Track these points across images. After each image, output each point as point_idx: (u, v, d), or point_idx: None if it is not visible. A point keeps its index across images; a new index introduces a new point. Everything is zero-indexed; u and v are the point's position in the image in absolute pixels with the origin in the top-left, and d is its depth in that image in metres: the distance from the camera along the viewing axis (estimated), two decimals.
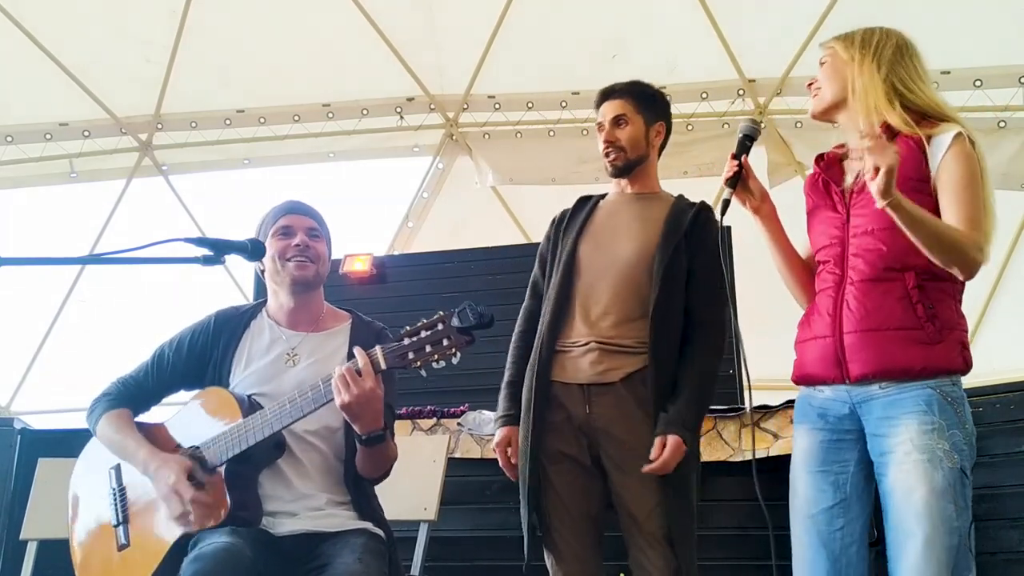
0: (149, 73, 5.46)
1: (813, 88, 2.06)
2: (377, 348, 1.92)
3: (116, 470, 2.16)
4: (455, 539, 3.08)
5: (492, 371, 3.22)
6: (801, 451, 1.99)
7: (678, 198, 2.34)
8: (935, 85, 2.01)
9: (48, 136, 5.57)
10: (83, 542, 2.17)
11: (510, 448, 2.24)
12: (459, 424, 3.33)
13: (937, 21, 4.64)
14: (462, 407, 3.38)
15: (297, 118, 5.68)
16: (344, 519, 2.07)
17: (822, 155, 2.10)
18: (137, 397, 2.20)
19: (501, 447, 2.25)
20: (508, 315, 2.47)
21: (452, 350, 1.87)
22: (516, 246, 4.57)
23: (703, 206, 2.30)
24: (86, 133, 5.63)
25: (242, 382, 2.14)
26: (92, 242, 5.82)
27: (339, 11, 5.21)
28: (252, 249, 1.79)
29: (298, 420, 1.98)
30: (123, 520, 2.09)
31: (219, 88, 5.60)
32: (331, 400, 1.93)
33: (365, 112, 5.66)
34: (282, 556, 1.94)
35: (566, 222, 2.37)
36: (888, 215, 1.79)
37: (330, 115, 5.66)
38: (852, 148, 2.03)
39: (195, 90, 5.57)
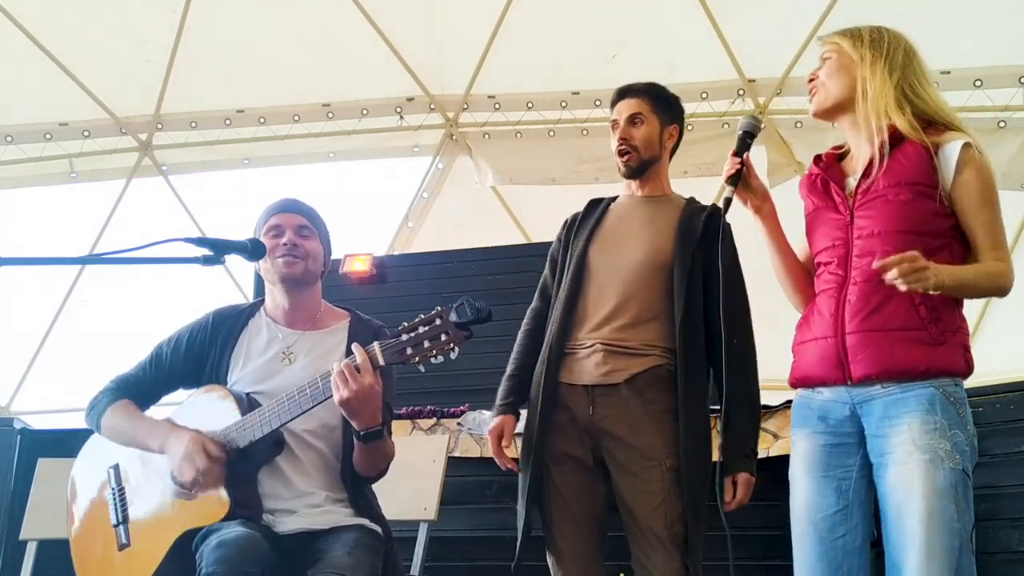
0: (149, 73, 5.46)
1: (812, 85, 2.03)
2: (375, 344, 1.93)
3: (115, 470, 2.17)
4: (455, 539, 3.08)
5: (492, 371, 3.22)
6: (801, 455, 1.97)
7: (689, 200, 2.34)
8: (935, 85, 2.00)
9: (48, 136, 5.56)
10: (83, 543, 2.17)
11: (503, 439, 2.25)
12: (459, 424, 3.33)
13: (937, 21, 4.64)
14: (462, 407, 3.38)
15: (297, 118, 5.67)
16: (341, 516, 2.07)
17: (820, 156, 2.08)
18: (136, 394, 2.20)
19: (494, 434, 2.27)
20: (508, 315, 2.47)
21: (450, 345, 1.87)
22: (516, 246, 4.57)
23: (715, 209, 2.26)
24: (86, 133, 5.63)
25: (240, 380, 2.15)
26: (92, 242, 5.82)
27: (339, 11, 5.21)
28: (252, 249, 1.79)
29: (297, 417, 1.98)
30: (123, 520, 2.10)
31: (219, 88, 5.59)
32: (330, 397, 1.93)
33: (365, 112, 5.65)
34: (283, 554, 1.95)
35: (577, 225, 2.37)
36: (897, 218, 1.84)
37: (330, 115, 5.66)
38: (854, 148, 2.01)
39: (195, 90, 5.57)
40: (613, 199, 2.41)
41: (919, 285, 1.72)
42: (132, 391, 2.20)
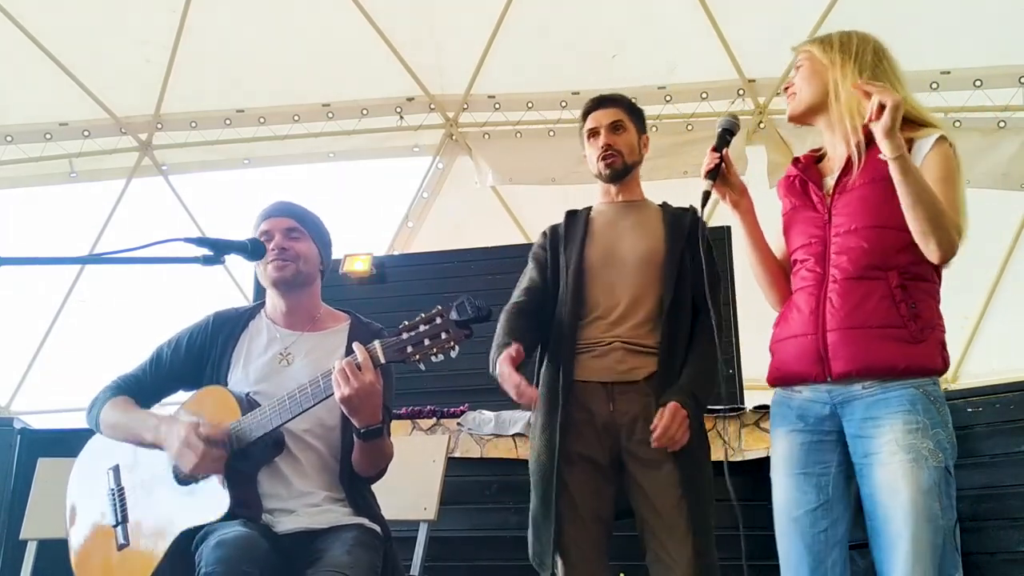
0: (149, 73, 5.46)
1: (789, 92, 2.08)
2: (376, 342, 1.94)
3: (115, 470, 2.16)
4: (455, 539, 3.08)
5: None
6: (781, 454, 2.00)
7: (664, 204, 2.41)
8: (935, 85, 2.03)
9: (48, 136, 5.57)
10: (81, 543, 2.17)
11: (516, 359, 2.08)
12: (459, 424, 3.33)
13: (937, 21, 4.64)
14: (462, 407, 3.38)
15: (297, 118, 5.68)
16: (340, 515, 2.07)
17: (798, 158, 2.13)
18: (137, 393, 2.20)
19: (506, 360, 2.05)
20: None
21: (451, 343, 1.88)
22: (516, 246, 4.57)
23: (695, 210, 2.32)
24: (86, 133, 5.64)
25: (239, 381, 2.15)
26: (92, 242, 5.83)
27: (339, 11, 5.21)
28: (252, 249, 1.79)
29: (298, 415, 1.99)
30: (122, 520, 2.09)
31: (219, 88, 5.60)
32: (330, 395, 1.94)
33: (365, 112, 5.66)
34: (283, 554, 1.95)
35: (564, 233, 2.38)
36: (875, 213, 1.85)
37: (330, 115, 5.66)
38: (829, 150, 2.05)
39: (195, 90, 5.58)
40: (588, 208, 2.44)
41: (889, 97, 1.74)
42: (132, 390, 2.20)
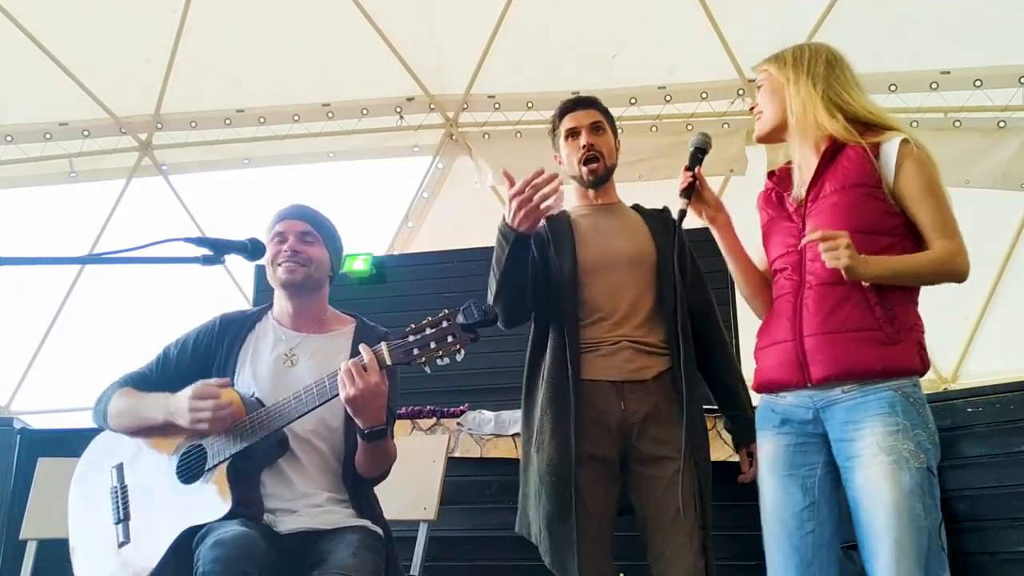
0: (149, 73, 5.46)
1: (755, 111, 2.12)
2: (382, 344, 1.95)
3: (118, 469, 2.17)
4: (455, 539, 3.08)
5: (492, 371, 3.23)
6: (767, 456, 2.02)
7: (637, 206, 2.44)
8: (935, 85, 2.05)
9: (48, 136, 5.56)
10: (82, 541, 2.17)
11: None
12: (459, 424, 3.33)
13: (937, 21, 4.64)
14: (462, 407, 3.38)
15: (297, 118, 5.67)
16: (343, 516, 2.08)
17: (773, 171, 2.16)
18: (142, 389, 2.21)
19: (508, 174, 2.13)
20: None
21: (456, 347, 1.89)
22: None
23: (669, 211, 2.37)
24: (86, 133, 5.63)
25: (245, 382, 2.16)
26: (92, 242, 5.82)
27: (339, 11, 5.21)
28: (252, 249, 1.79)
29: (304, 415, 2.00)
30: (124, 518, 2.10)
31: (219, 88, 5.59)
32: (336, 396, 1.95)
33: (365, 112, 5.65)
34: (284, 553, 1.95)
35: (549, 235, 2.37)
36: (845, 219, 1.88)
37: (330, 115, 5.66)
38: (800, 162, 2.07)
39: (195, 90, 5.57)
40: (564, 212, 2.42)
41: (837, 263, 1.80)
42: (138, 386, 2.21)
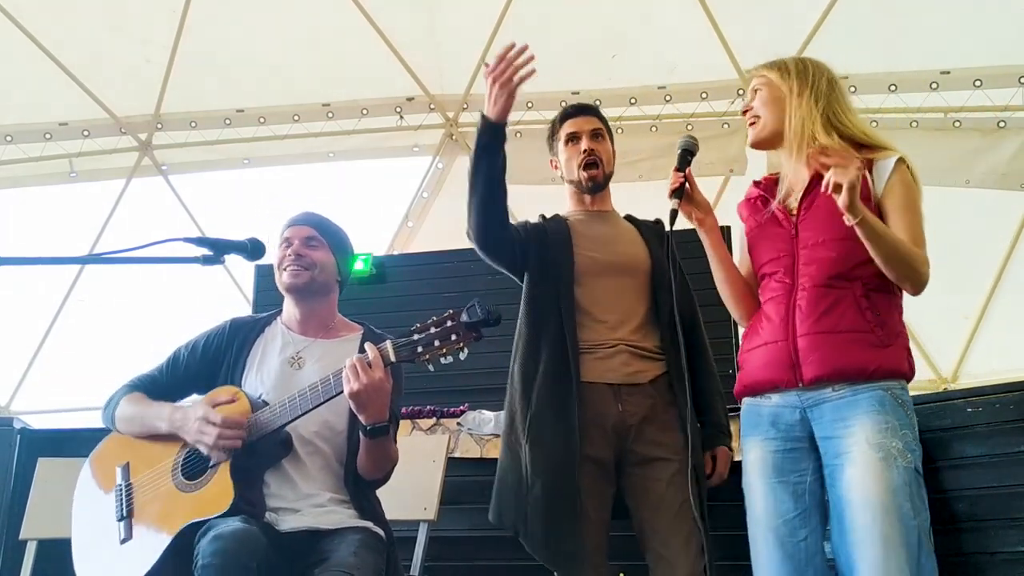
0: (149, 73, 5.46)
1: (750, 116, 2.11)
2: (387, 342, 1.98)
3: (124, 468, 2.18)
4: (455, 539, 3.08)
5: (492, 371, 3.22)
6: (756, 462, 2.02)
7: (630, 216, 2.48)
8: (935, 85, 2.07)
9: (48, 136, 5.56)
10: (84, 538, 2.18)
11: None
12: (459, 424, 3.33)
13: (937, 21, 4.64)
14: (462, 407, 3.38)
15: (297, 118, 5.67)
16: (345, 516, 2.09)
17: (759, 180, 2.19)
18: (152, 392, 2.24)
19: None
20: (508, 315, 2.47)
21: (460, 345, 1.92)
22: None
23: (662, 222, 2.41)
24: (86, 133, 5.63)
25: (252, 384, 2.19)
26: (92, 242, 5.82)
27: (339, 11, 5.21)
28: (252, 249, 1.79)
29: (308, 412, 2.02)
30: (127, 515, 2.10)
31: (219, 88, 5.59)
32: (340, 392, 1.97)
33: (365, 112, 5.66)
34: (285, 552, 1.96)
35: (548, 233, 2.39)
36: (841, 226, 1.87)
37: (330, 115, 5.66)
38: (790, 173, 2.09)
39: (195, 90, 5.57)
40: (559, 216, 2.45)
41: (843, 178, 1.78)
42: (148, 389, 2.24)
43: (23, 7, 5.08)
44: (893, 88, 4.85)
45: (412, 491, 2.55)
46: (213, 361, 2.25)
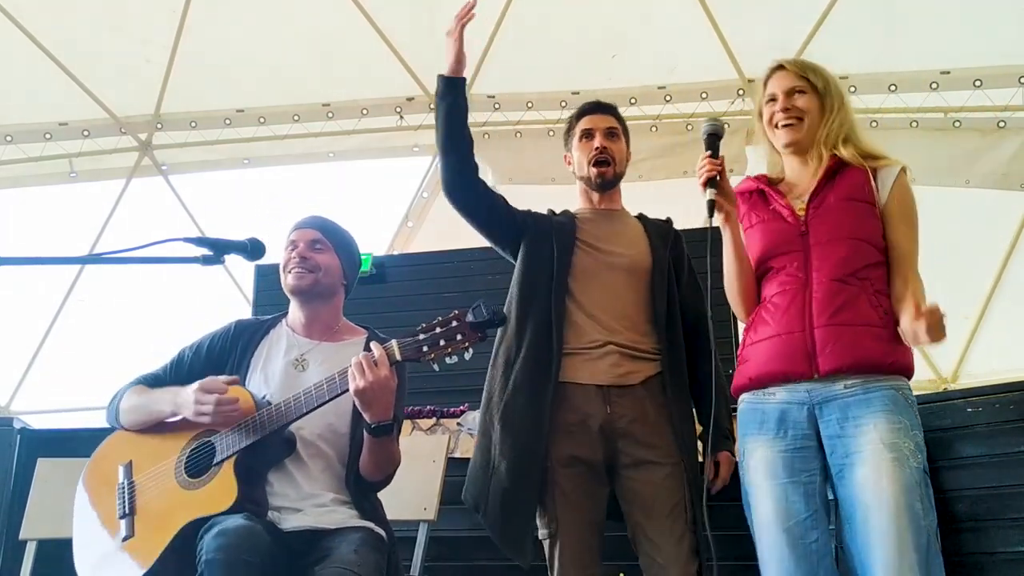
0: (149, 73, 5.45)
1: (793, 113, 2.11)
2: (393, 341, 1.99)
3: (127, 466, 2.18)
4: (455, 539, 3.08)
5: None
6: (763, 462, 1.99)
7: (641, 215, 2.46)
8: (935, 85, 2.13)
9: (48, 136, 5.56)
10: (86, 536, 2.18)
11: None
12: (459, 424, 3.33)
13: (937, 21, 4.64)
14: (462, 407, 3.38)
15: (297, 118, 5.67)
16: (347, 516, 2.10)
17: (754, 177, 2.22)
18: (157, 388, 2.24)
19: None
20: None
21: (465, 345, 1.93)
22: None
23: (671, 220, 2.46)
24: (86, 133, 5.63)
25: (256, 385, 2.19)
26: (92, 242, 5.81)
27: (339, 11, 5.20)
28: (252, 249, 1.79)
29: (313, 410, 2.03)
30: (129, 512, 2.11)
31: (219, 88, 5.59)
32: (346, 391, 1.98)
33: (365, 112, 5.65)
34: (287, 550, 1.96)
35: (552, 227, 2.39)
36: (852, 226, 2.01)
37: (330, 115, 5.65)
38: (796, 174, 2.15)
39: (195, 90, 5.57)
40: (567, 211, 2.46)
41: (939, 338, 1.87)
42: (151, 386, 2.25)
43: (23, 7, 5.07)
44: (893, 88, 4.85)
45: (412, 491, 2.55)
46: (217, 362, 2.26)
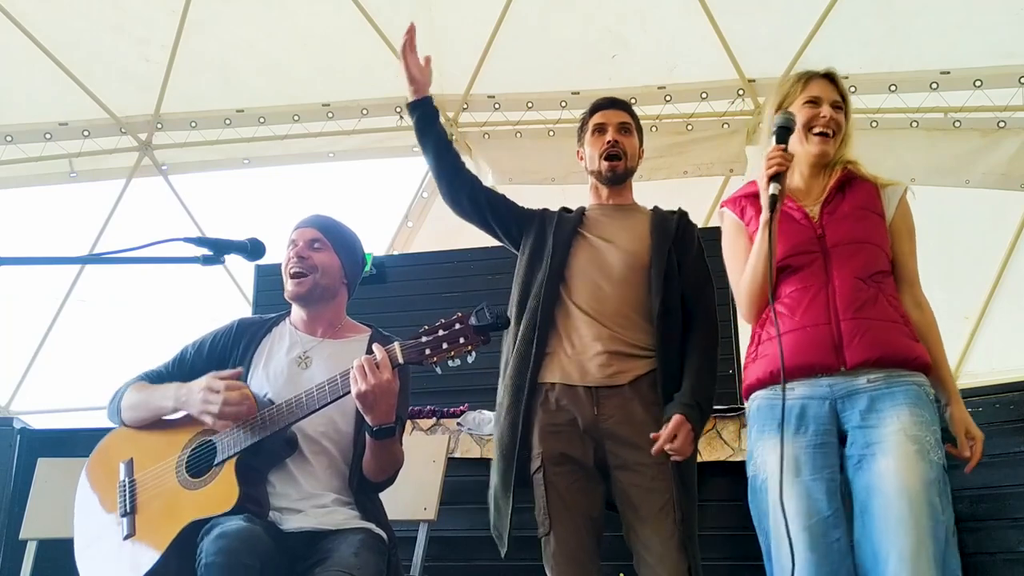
0: (149, 73, 5.45)
1: (832, 125, 2.13)
2: (395, 343, 1.98)
3: (128, 464, 2.18)
4: (455, 539, 3.08)
5: (492, 371, 3.21)
6: (785, 458, 1.92)
7: (655, 209, 2.44)
8: (935, 85, 2.14)
9: (48, 136, 5.56)
10: (87, 534, 2.18)
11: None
12: (459, 424, 3.33)
13: (937, 21, 4.64)
14: (462, 407, 3.38)
15: (297, 118, 5.67)
16: (347, 517, 2.09)
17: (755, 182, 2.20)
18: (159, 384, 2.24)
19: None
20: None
21: (468, 348, 1.92)
22: None
23: (683, 212, 2.43)
24: (86, 133, 5.63)
25: (258, 382, 2.19)
26: (92, 242, 5.81)
27: (339, 11, 5.20)
28: (252, 249, 1.80)
29: (315, 411, 2.02)
30: (130, 511, 2.10)
31: (219, 88, 5.59)
32: (348, 393, 1.97)
33: (365, 112, 5.65)
34: (288, 551, 1.96)
35: (555, 223, 2.40)
36: (865, 232, 2.06)
37: (330, 115, 5.65)
38: (807, 181, 2.18)
39: (195, 90, 5.56)
40: (581, 208, 2.46)
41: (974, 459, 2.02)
42: (154, 383, 2.25)
43: (23, 7, 5.07)
44: (893, 88, 4.85)
45: (412, 491, 2.55)
46: (219, 360, 2.26)
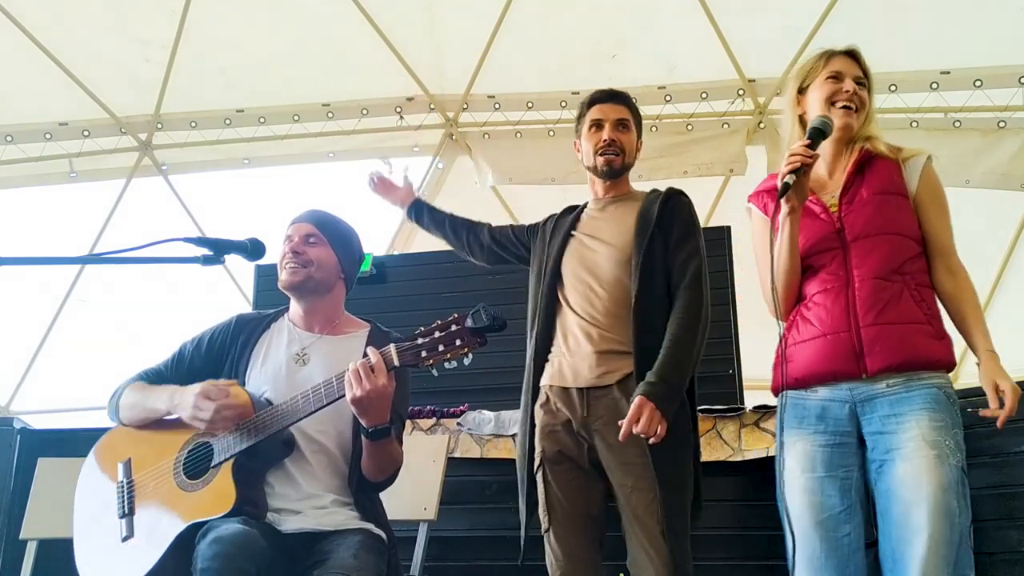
0: (149, 73, 5.45)
1: (856, 99, 2.09)
2: (391, 346, 1.97)
3: (126, 464, 2.18)
4: (455, 539, 3.08)
5: (492, 371, 3.22)
6: (801, 455, 1.99)
7: (649, 192, 2.39)
8: (935, 85, 2.11)
9: (48, 136, 5.56)
10: (86, 534, 2.18)
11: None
12: (458, 424, 3.33)
13: (937, 21, 4.64)
14: (461, 407, 3.37)
15: (297, 118, 5.67)
16: (347, 518, 2.09)
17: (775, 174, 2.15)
18: (157, 384, 2.24)
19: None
20: (508, 315, 2.47)
21: (464, 350, 1.92)
22: None
23: (671, 191, 2.36)
24: (86, 133, 5.63)
25: (256, 379, 2.19)
26: (92, 242, 5.82)
27: (339, 11, 5.21)
28: (252, 249, 1.80)
29: (310, 414, 2.02)
30: (128, 512, 2.10)
31: (219, 88, 5.59)
32: (343, 396, 1.96)
33: (365, 112, 5.65)
34: (286, 552, 1.96)
35: (552, 228, 2.43)
36: (886, 222, 1.98)
37: (330, 115, 5.66)
38: (828, 168, 2.13)
39: (195, 90, 5.57)
40: (585, 205, 2.47)
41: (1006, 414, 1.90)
42: (153, 381, 2.25)
43: (23, 7, 5.07)
44: (893, 88, 4.85)
45: (412, 491, 2.55)
46: (218, 356, 2.26)
